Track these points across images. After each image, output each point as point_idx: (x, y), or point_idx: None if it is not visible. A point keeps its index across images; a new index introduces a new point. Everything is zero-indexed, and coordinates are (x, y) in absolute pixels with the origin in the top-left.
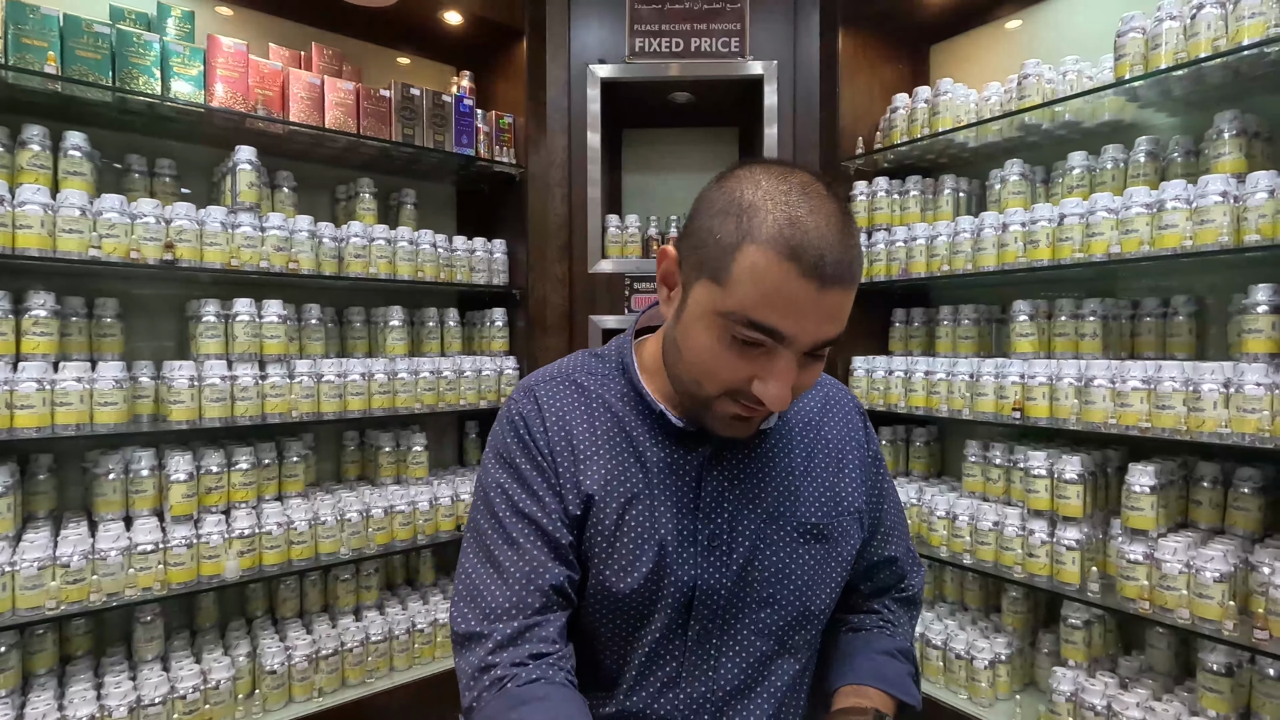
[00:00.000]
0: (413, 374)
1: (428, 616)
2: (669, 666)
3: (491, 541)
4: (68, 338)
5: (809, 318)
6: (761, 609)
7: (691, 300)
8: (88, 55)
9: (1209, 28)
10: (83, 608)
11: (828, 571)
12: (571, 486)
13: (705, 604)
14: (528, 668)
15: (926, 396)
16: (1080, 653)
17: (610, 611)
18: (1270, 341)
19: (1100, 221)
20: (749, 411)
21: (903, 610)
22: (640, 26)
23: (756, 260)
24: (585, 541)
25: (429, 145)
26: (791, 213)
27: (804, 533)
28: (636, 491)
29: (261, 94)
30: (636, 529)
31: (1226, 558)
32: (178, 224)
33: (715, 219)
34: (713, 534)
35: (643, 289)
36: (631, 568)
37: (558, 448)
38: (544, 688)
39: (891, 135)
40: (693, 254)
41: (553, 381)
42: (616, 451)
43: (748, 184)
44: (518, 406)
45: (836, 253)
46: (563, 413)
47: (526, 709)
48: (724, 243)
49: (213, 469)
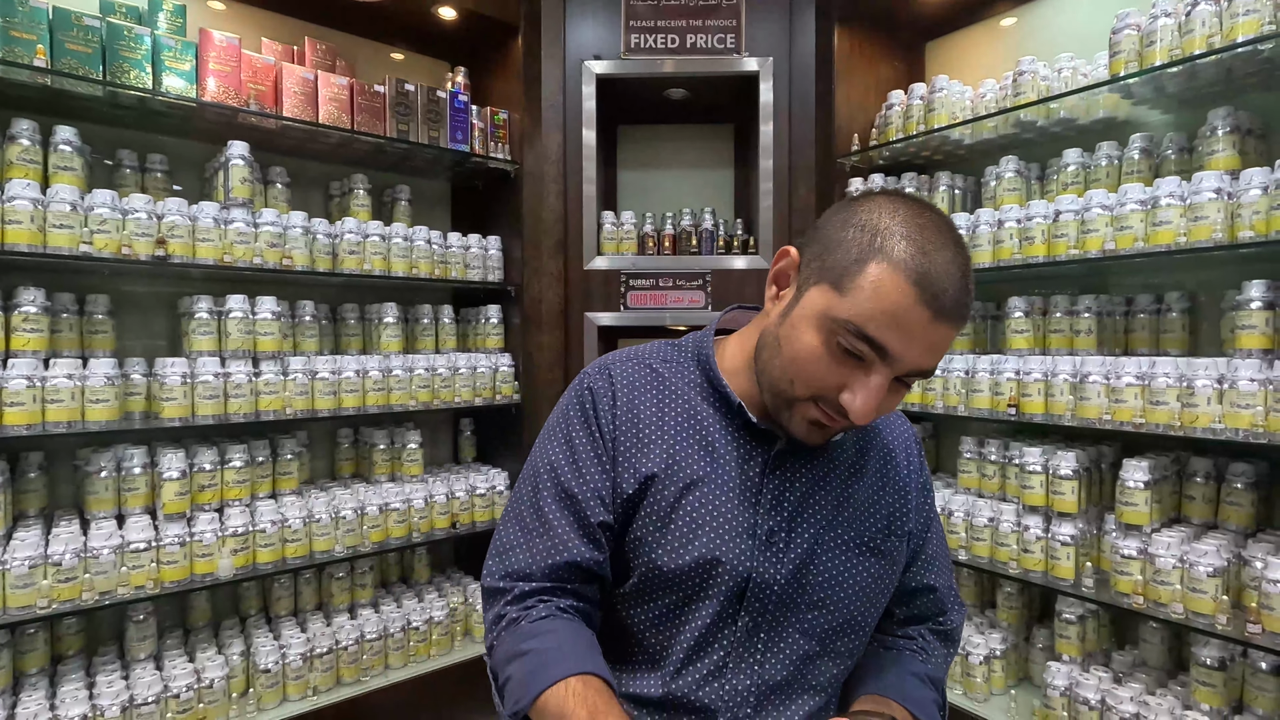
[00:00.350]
0: (407, 371)
1: (423, 614)
2: (717, 654)
3: (527, 511)
4: (58, 334)
5: (916, 343)
6: (810, 611)
7: (805, 301)
8: (78, 49)
9: (1204, 25)
10: (74, 606)
11: (879, 587)
12: (629, 465)
13: (758, 597)
14: (539, 607)
15: (922, 393)
16: (1075, 647)
17: (661, 590)
18: (1264, 337)
19: (1095, 218)
20: (829, 420)
21: (939, 643)
22: (636, 23)
23: (883, 277)
24: (639, 520)
25: (423, 141)
26: (924, 244)
27: (861, 546)
28: (700, 476)
29: (254, 89)
30: (694, 512)
31: (1220, 552)
32: (170, 220)
33: (848, 231)
34: (771, 530)
35: (638, 286)
36: (684, 548)
37: (622, 426)
38: (552, 622)
39: (887, 132)
40: (816, 259)
41: (628, 362)
42: (684, 436)
43: (885, 209)
44: (590, 381)
45: (956, 292)
46: (634, 393)
47: (536, 640)
48: (853, 254)
49: (206, 467)
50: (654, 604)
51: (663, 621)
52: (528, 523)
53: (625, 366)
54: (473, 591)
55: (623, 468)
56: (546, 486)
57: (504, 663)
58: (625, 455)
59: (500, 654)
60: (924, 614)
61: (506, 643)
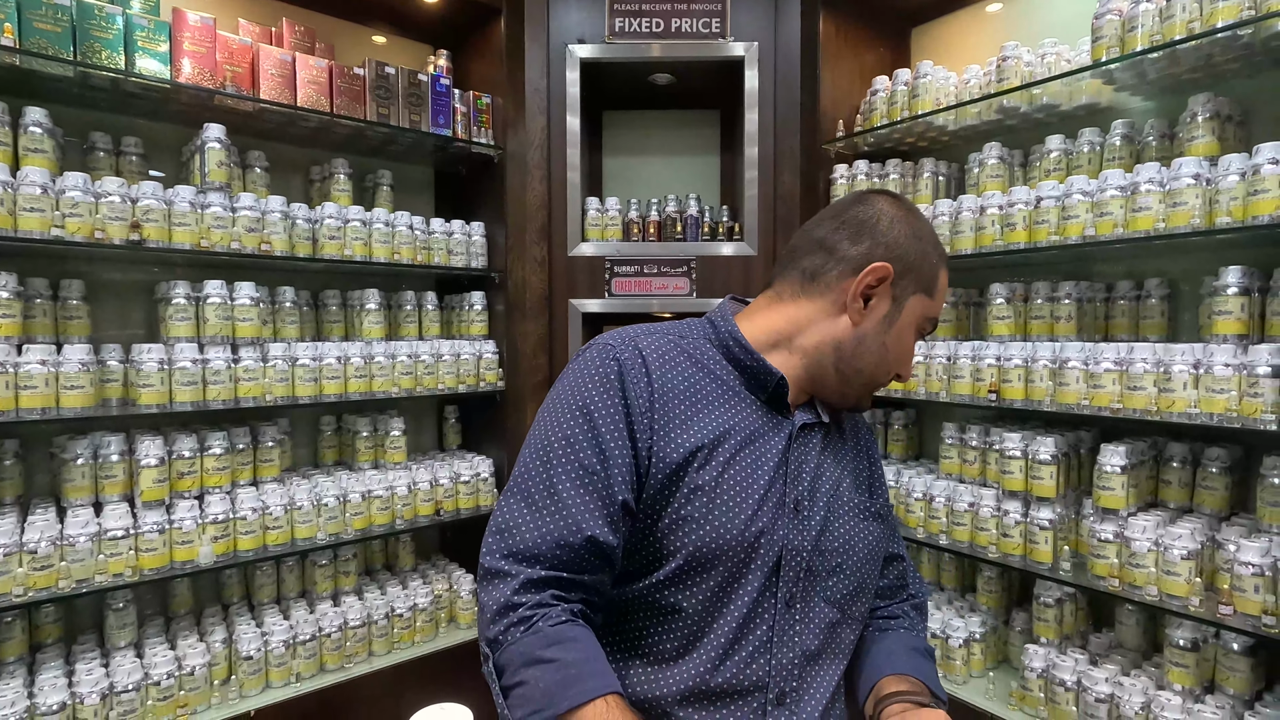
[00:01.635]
0: (390, 358)
1: (406, 601)
2: (762, 629)
3: (536, 487)
4: (31, 320)
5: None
6: (830, 577)
7: (907, 310)
8: (47, 28)
9: (1184, 10)
10: (51, 594)
11: (880, 550)
12: (670, 438)
13: (790, 566)
14: (557, 609)
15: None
16: (1052, 630)
17: (708, 567)
18: (1239, 323)
19: (1076, 204)
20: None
21: (919, 616)
22: (620, 6)
23: (943, 280)
24: (680, 496)
25: (405, 125)
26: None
27: (863, 511)
28: (740, 445)
29: (230, 70)
30: (740, 483)
31: (1194, 536)
32: (144, 203)
33: (922, 243)
34: (798, 499)
35: (623, 272)
36: (735, 519)
37: (660, 399)
38: (573, 629)
39: (871, 118)
40: (907, 274)
41: (654, 335)
42: (721, 409)
43: (919, 218)
44: (617, 353)
45: None
46: (667, 367)
47: (560, 648)
48: (932, 266)
49: (185, 454)
50: (700, 585)
51: (711, 603)
52: (536, 500)
53: (653, 340)
54: (457, 578)
55: (663, 440)
56: (560, 461)
57: (519, 666)
58: (666, 428)
59: (514, 654)
60: (894, 585)
61: (523, 644)
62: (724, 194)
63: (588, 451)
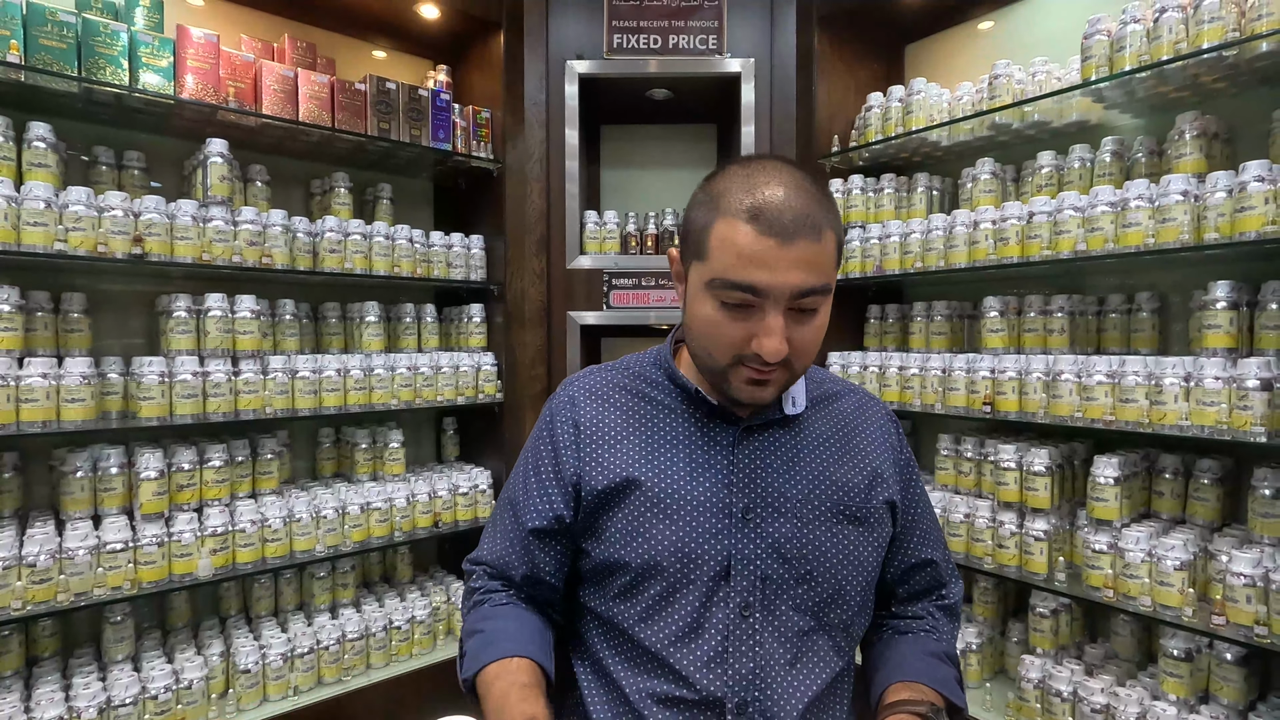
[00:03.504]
0: (389, 370)
1: (405, 613)
2: (714, 640)
3: (500, 508)
4: (33, 333)
5: (778, 269)
6: (799, 585)
7: (689, 282)
8: (52, 44)
9: (1171, 31)
10: (49, 608)
11: (862, 553)
12: (597, 467)
13: (743, 574)
14: (501, 594)
15: (900, 391)
16: (1048, 641)
17: (645, 582)
18: (1228, 336)
19: (1067, 220)
20: (760, 374)
21: (946, 618)
22: (619, 23)
23: (724, 230)
24: (615, 518)
25: (405, 139)
26: (751, 186)
27: (838, 514)
28: (672, 463)
29: (233, 86)
30: (672, 497)
31: (1186, 546)
32: (147, 217)
33: (695, 210)
34: (747, 507)
35: (621, 285)
36: (665, 533)
37: (586, 434)
38: (510, 609)
39: (866, 134)
40: (684, 246)
41: (590, 375)
42: (650, 431)
43: (719, 176)
44: (554, 399)
45: (795, 211)
46: (595, 400)
47: (491, 621)
48: (700, 225)
49: (184, 466)
50: (641, 597)
51: (653, 614)
52: (501, 520)
53: (586, 379)
54: (455, 590)
55: (590, 467)
56: (515, 491)
57: (465, 637)
58: (592, 458)
59: (464, 629)
60: (925, 589)
61: (469, 619)
62: None
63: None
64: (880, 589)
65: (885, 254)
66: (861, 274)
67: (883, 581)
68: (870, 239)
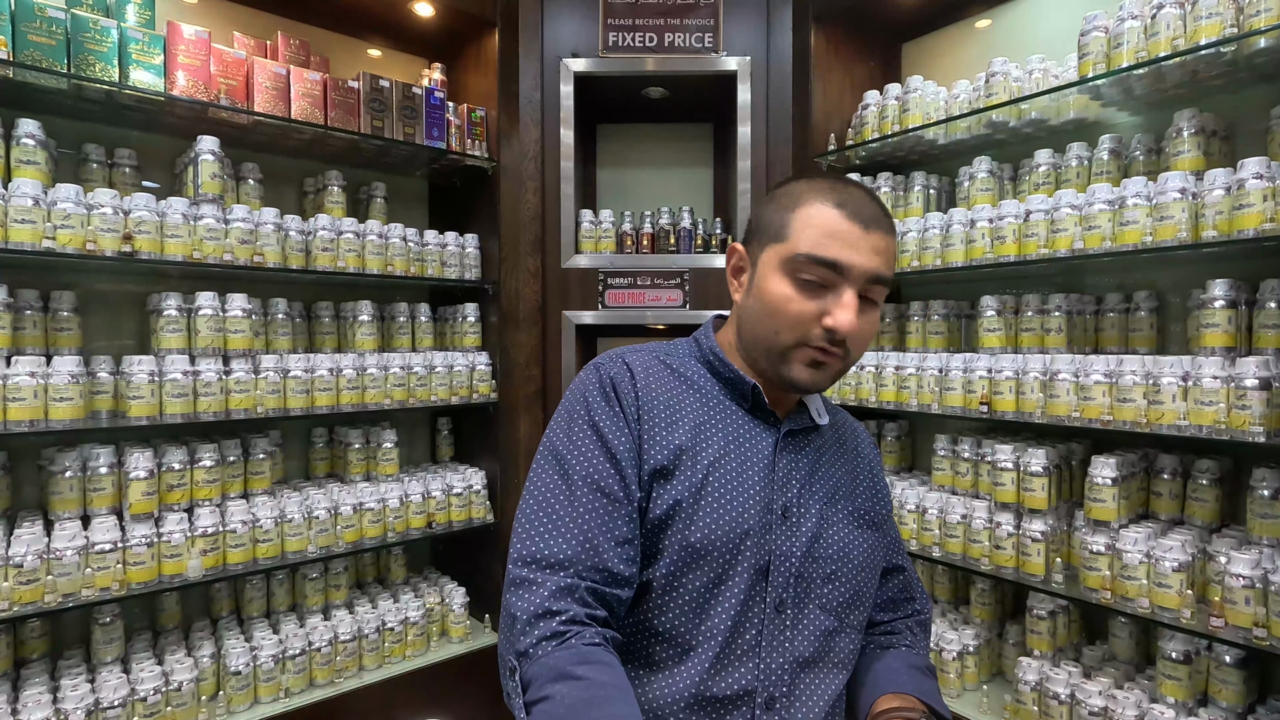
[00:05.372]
0: (383, 369)
1: (398, 615)
2: (750, 633)
3: (559, 501)
4: (21, 331)
5: (860, 251)
6: (825, 584)
7: (760, 265)
8: (41, 40)
9: (1168, 27)
10: (37, 609)
11: (877, 559)
12: (656, 440)
13: (780, 571)
14: (591, 629)
15: (897, 391)
16: (1045, 643)
17: (694, 567)
18: (1226, 335)
19: (1064, 218)
20: (824, 355)
21: (922, 633)
22: (614, 20)
23: (811, 211)
24: (668, 495)
25: (399, 138)
26: (834, 186)
27: (859, 518)
28: (724, 451)
29: (225, 83)
30: (723, 485)
31: (1185, 548)
32: (136, 215)
33: (770, 206)
34: (786, 505)
35: (616, 284)
36: (718, 520)
37: (645, 406)
38: (605, 653)
39: (863, 132)
40: (755, 238)
41: (639, 353)
42: (704, 416)
43: (794, 184)
44: (608, 370)
45: (874, 210)
46: (650, 378)
47: (590, 668)
48: (781, 213)
49: (175, 466)
50: (687, 585)
51: (697, 604)
52: (559, 514)
53: (638, 356)
54: (449, 591)
55: (650, 443)
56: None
57: (547, 680)
58: (651, 432)
59: (544, 668)
60: (896, 598)
61: (554, 658)
62: (717, 206)
63: (600, 461)
64: None
65: None
66: None
67: None
68: None
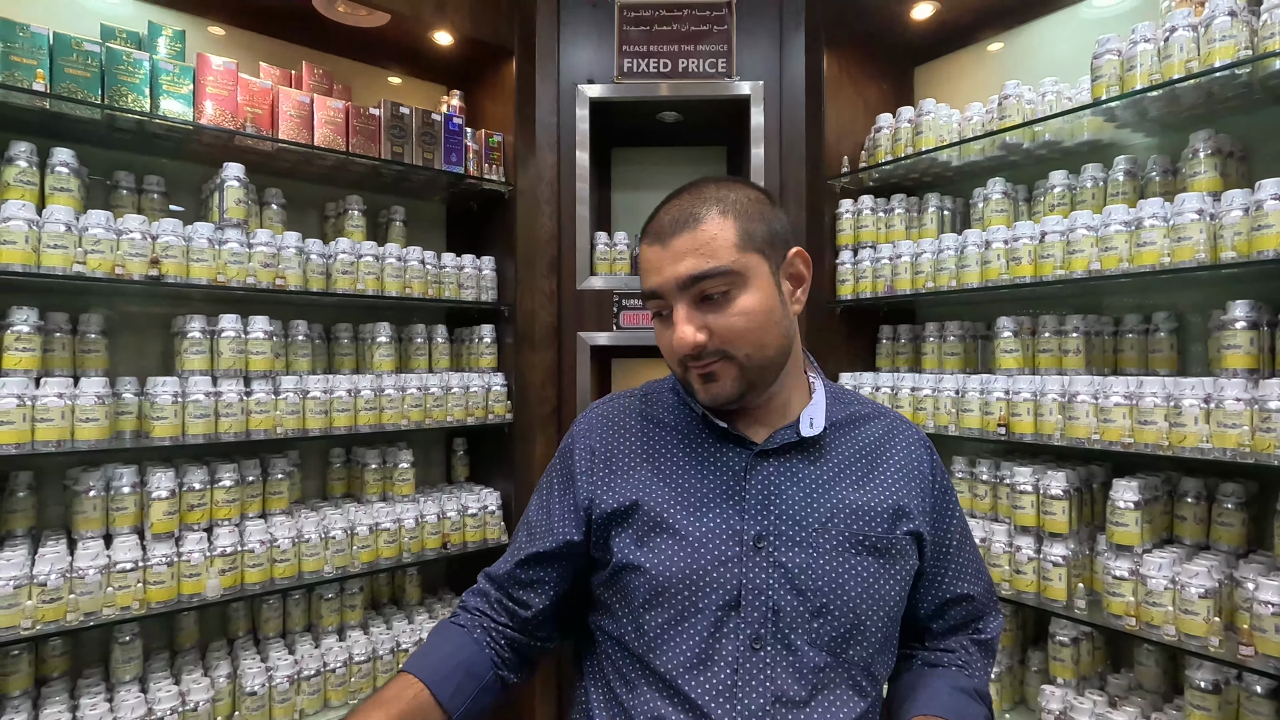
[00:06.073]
0: (400, 390)
1: (413, 636)
2: (724, 672)
3: (517, 529)
4: (50, 353)
5: (664, 268)
6: (815, 618)
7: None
8: (77, 73)
9: (1181, 50)
10: (60, 627)
11: (883, 587)
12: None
13: (754, 604)
14: (462, 615)
15: (913, 412)
16: (1069, 670)
17: (654, 606)
18: (1248, 357)
19: (1081, 239)
20: (700, 368)
21: (980, 653)
22: (629, 47)
23: (644, 254)
24: (626, 538)
25: (418, 163)
26: (658, 208)
27: (858, 544)
28: (685, 484)
29: (251, 112)
30: (683, 518)
31: (1211, 573)
32: (164, 240)
33: None
34: (759, 535)
35: (631, 306)
36: (675, 553)
37: (599, 457)
38: (449, 628)
39: (876, 154)
40: None
41: (607, 402)
42: (662, 457)
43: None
44: (575, 426)
45: (674, 214)
46: (612, 430)
47: (432, 638)
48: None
49: (195, 486)
50: (650, 622)
51: (661, 640)
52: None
53: (604, 407)
54: None
55: (604, 490)
56: (530, 513)
57: None
58: (607, 480)
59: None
60: (961, 623)
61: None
62: None
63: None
64: (912, 625)
65: (896, 274)
66: (873, 294)
67: (915, 617)
68: (881, 259)
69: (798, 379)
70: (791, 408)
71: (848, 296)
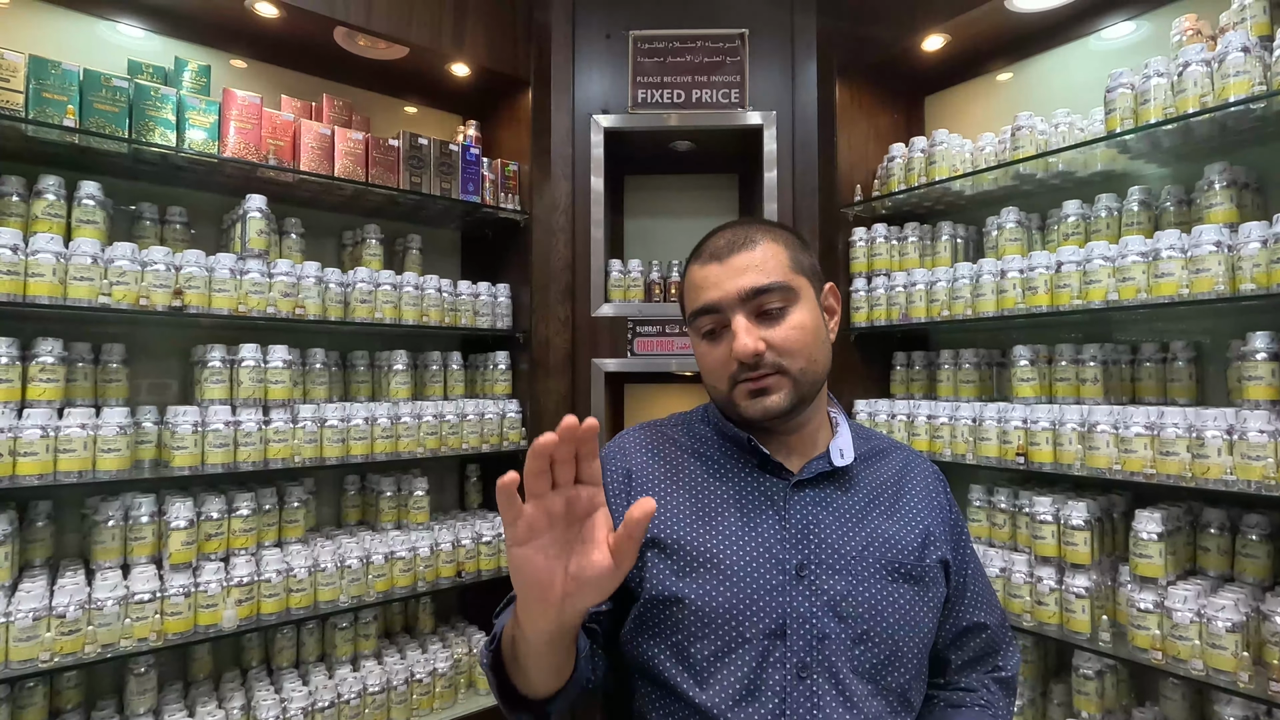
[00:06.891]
0: (415, 418)
1: (426, 666)
2: (771, 703)
3: None
4: (73, 383)
5: (724, 282)
6: (856, 645)
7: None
8: (105, 108)
9: (1196, 84)
10: (77, 660)
11: (918, 613)
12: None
13: (799, 633)
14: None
15: (929, 440)
16: (1093, 704)
17: (699, 637)
18: (1270, 388)
19: (1098, 269)
20: (754, 381)
21: (1002, 693)
22: (643, 78)
23: (688, 277)
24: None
25: (436, 193)
26: (701, 247)
27: (893, 572)
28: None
29: (273, 144)
30: (724, 549)
31: (1238, 606)
32: (187, 271)
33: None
34: (801, 563)
35: (645, 332)
36: (720, 584)
37: (637, 482)
38: None
39: (889, 184)
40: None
41: (641, 430)
42: (701, 489)
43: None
44: (608, 447)
45: (729, 237)
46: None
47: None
48: (681, 295)
49: (213, 515)
50: (697, 654)
51: (710, 672)
52: None
53: (639, 432)
54: (477, 641)
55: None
56: None
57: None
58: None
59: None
60: (979, 655)
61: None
62: None
63: None
64: (933, 657)
65: (911, 302)
66: (887, 321)
67: (934, 648)
68: (895, 287)
69: (823, 412)
70: (820, 439)
71: (862, 324)
